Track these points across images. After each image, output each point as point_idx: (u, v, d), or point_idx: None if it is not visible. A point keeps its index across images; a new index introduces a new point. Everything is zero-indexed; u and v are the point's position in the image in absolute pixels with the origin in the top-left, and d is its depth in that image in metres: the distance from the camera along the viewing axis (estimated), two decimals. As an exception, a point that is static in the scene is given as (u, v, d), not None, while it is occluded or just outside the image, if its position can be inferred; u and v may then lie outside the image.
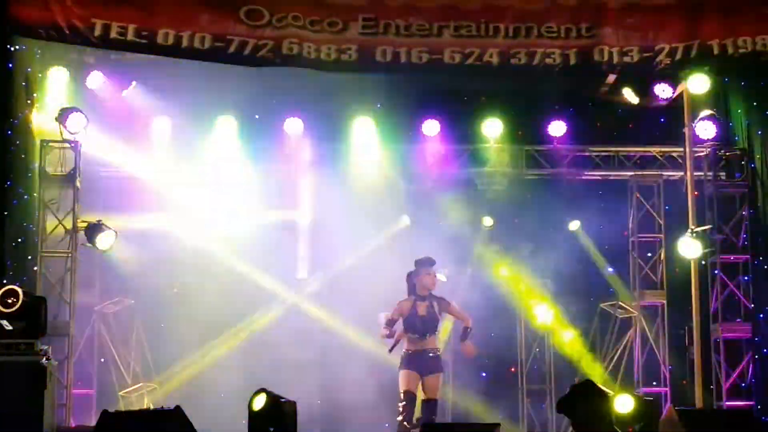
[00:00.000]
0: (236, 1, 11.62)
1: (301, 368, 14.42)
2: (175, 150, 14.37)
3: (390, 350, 12.16)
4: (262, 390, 9.64)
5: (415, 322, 12.01)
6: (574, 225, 15.14)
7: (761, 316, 13.66)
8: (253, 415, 9.57)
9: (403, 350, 12.08)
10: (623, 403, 11.30)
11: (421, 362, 11.98)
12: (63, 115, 13.06)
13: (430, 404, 11.96)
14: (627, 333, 14.98)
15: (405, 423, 11.76)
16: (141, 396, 14.30)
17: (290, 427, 9.84)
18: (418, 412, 11.98)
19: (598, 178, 15.03)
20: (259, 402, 9.59)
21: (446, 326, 13.68)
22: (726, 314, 13.85)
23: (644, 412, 11.33)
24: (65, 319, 13.00)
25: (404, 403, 11.84)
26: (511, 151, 14.83)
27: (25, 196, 12.73)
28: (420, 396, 12.01)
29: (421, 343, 12.00)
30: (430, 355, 12.02)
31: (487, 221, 15.12)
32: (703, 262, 13.87)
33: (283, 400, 9.80)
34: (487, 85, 13.65)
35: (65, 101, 13.34)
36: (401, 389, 11.97)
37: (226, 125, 14.36)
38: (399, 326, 12.10)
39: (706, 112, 13.85)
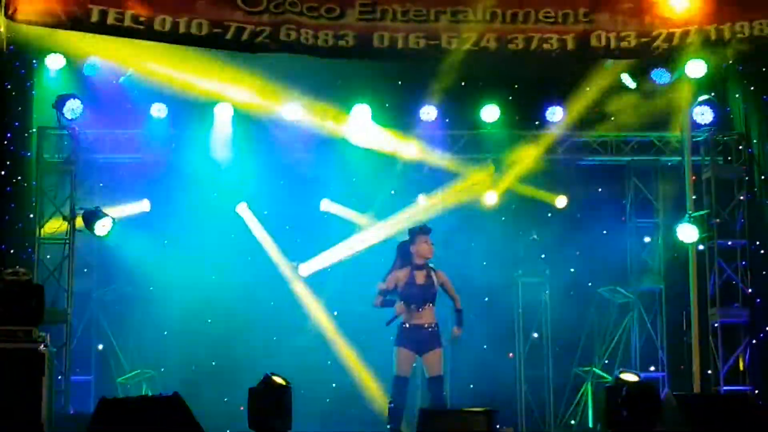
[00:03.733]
0: (234, -13, 11.61)
1: (299, 353, 14.45)
2: (173, 136, 14.37)
3: (387, 323, 11.70)
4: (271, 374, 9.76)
5: (414, 292, 11.64)
6: (561, 202, 15.09)
7: (758, 300, 13.67)
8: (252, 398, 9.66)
9: (400, 323, 11.70)
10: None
11: (418, 338, 11.63)
12: (60, 102, 13.07)
13: (435, 381, 11.65)
14: (625, 318, 15.00)
15: (394, 409, 11.54)
16: (139, 383, 14.32)
17: (285, 409, 9.93)
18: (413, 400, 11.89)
19: (596, 163, 15.03)
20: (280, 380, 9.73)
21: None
22: (723, 299, 13.86)
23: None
24: (63, 306, 13.01)
25: (395, 389, 11.57)
26: (508, 136, 14.83)
27: (23, 183, 12.73)
28: (425, 374, 11.81)
29: (418, 316, 11.62)
30: (428, 329, 11.66)
31: (490, 198, 14.99)
32: (701, 247, 13.88)
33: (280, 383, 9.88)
34: (484, 71, 13.61)
35: (62, 88, 13.34)
36: (394, 372, 11.66)
37: (223, 112, 14.31)
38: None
39: (704, 97, 13.86)
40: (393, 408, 11.52)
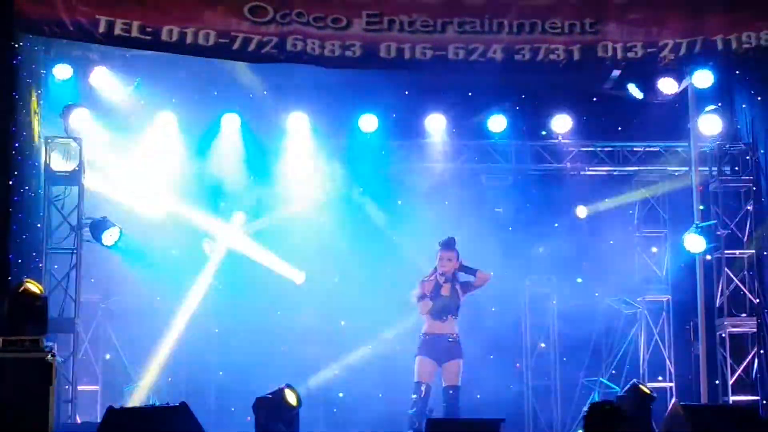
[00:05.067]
0: (241, -3, 11.63)
1: (306, 362, 14.45)
2: (179, 146, 14.38)
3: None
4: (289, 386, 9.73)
5: (437, 303, 11.98)
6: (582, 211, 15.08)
7: (766, 310, 13.65)
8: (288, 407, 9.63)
9: (421, 333, 12.04)
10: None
11: (439, 347, 11.93)
12: (67, 112, 13.10)
13: (451, 391, 11.90)
14: (632, 328, 14.99)
15: (416, 416, 11.69)
16: (146, 392, 14.31)
17: (293, 420, 9.90)
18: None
19: (603, 173, 15.02)
20: (291, 398, 9.64)
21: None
22: (731, 309, 13.85)
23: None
24: (70, 316, 13.01)
25: (416, 395, 11.79)
26: (515, 146, 14.85)
27: (30, 193, 12.73)
28: (441, 383, 11.95)
29: (440, 327, 11.97)
30: (449, 340, 11.98)
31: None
32: (708, 257, 13.86)
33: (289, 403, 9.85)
34: (491, 81, 13.62)
35: (70, 98, 13.36)
36: (414, 379, 11.93)
37: (229, 122, 14.33)
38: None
39: (711, 107, 13.85)
40: (414, 414, 11.76)
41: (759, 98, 13.81)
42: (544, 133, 14.81)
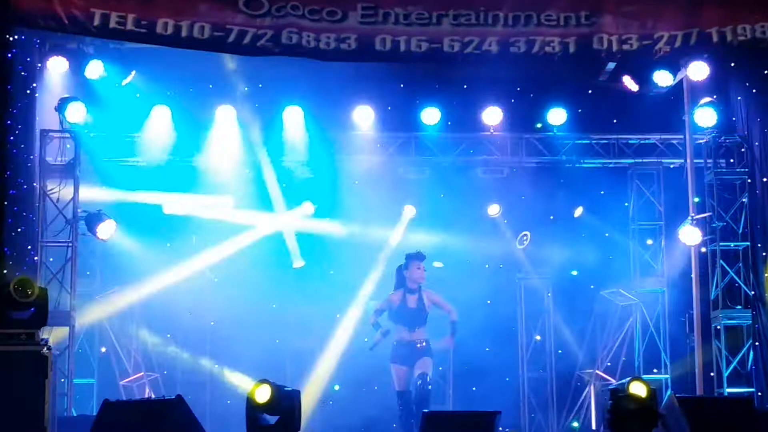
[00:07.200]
0: (235, -10, 11.62)
1: (301, 355, 14.47)
2: (175, 138, 14.37)
3: (371, 348, 12.71)
4: (264, 381, 9.63)
5: (405, 315, 12.45)
6: (578, 211, 15.13)
7: (761, 302, 13.65)
8: (254, 407, 9.55)
9: (394, 341, 12.53)
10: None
11: (410, 353, 12.45)
12: (62, 105, 13.07)
13: (421, 378, 12.32)
14: (627, 320, 15.00)
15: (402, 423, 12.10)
16: (142, 385, 14.32)
17: (295, 417, 9.85)
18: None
19: (598, 165, 15.02)
20: (262, 394, 9.56)
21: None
22: (726, 301, 13.85)
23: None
24: (66, 309, 13.00)
25: (401, 406, 12.42)
26: (511, 139, 14.84)
27: (25, 186, 12.72)
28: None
29: (411, 335, 12.47)
30: (420, 346, 12.48)
31: (493, 209, 15.11)
32: (703, 249, 13.87)
33: (286, 389, 9.79)
34: (486, 73, 13.61)
35: (65, 91, 13.34)
36: (395, 388, 12.56)
37: (225, 114, 14.32)
38: (386, 323, 12.58)
39: (706, 99, 13.83)
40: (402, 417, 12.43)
41: (754, 90, 13.80)
42: (539, 125, 14.79)
